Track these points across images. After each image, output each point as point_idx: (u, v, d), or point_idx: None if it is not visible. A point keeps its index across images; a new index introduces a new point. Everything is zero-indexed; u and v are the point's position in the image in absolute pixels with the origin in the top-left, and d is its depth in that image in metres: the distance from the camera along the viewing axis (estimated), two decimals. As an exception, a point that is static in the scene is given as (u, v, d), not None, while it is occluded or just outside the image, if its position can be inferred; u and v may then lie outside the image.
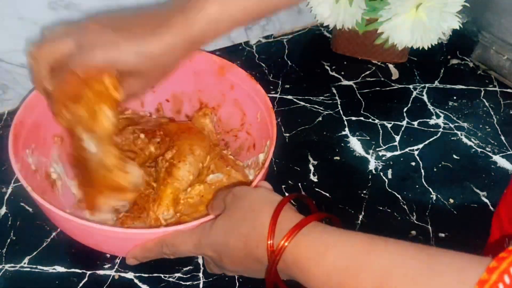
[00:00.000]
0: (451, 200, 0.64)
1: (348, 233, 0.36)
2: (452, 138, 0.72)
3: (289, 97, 0.77)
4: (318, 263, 0.35)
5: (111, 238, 0.47)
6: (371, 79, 0.82)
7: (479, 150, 0.71)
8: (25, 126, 0.53)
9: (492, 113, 0.77)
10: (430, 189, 0.65)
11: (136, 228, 0.53)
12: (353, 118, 0.75)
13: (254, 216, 0.39)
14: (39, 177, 0.55)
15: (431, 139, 0.72)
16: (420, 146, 0.71)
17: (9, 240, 0.56)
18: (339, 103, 0.77)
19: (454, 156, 0.70)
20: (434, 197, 0.64)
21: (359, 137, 0.72)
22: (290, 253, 0.36)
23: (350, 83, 0.81)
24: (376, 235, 0.35)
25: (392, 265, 0.32)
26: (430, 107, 0.77)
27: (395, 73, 0.83)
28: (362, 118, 0.75)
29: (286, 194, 0.63)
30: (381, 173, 0.67)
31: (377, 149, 0.70)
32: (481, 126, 0.74)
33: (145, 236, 0.46)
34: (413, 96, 0.79)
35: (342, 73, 0.82)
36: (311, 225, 0.37)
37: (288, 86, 0.79)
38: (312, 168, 0.67)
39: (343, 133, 0.72)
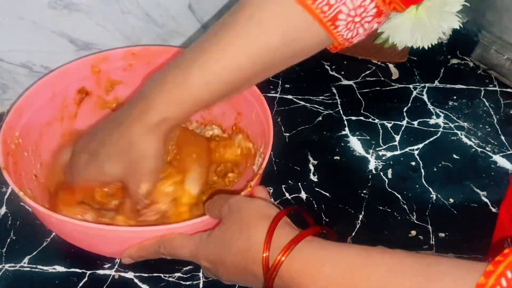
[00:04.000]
0: (451, 200, 0.64)
1: (344, 246, 0.36)
2: (452, 137, 0.72)
3: (289, 96, 0.77)
4: (314, 279, 0.35)
5: (104, 238, 0.47)
6: (371, 79, 0.82)
7: (479, 149, 0.71)
8: (15, 130, 0.53)
9: (492, 112, 0.77)
10: (430, 189, 0.65)
11: (129, 226, 0.53)
12: (353, 118, 0.74)
13: (250, 231, 0.39)
14: (36, 182, 0.55)
15: (431, 139, 0.72)
16: (420, 145, 0.71)
17: (9, 240, 0.56)
18: (339, 102, 0.77)
19: (454, 156, 0.70)
20: (434, 197, 0.64)
21: (359, 137, 0.72)
22: (286, 269, 0.36)
23: (350, 82, 0.81)
24: (372, 247, 0.35)
25: (389, 277, 0.32)
26: (430, 107, 0.77)
27: (395, 73, 0.83)
28: (362, 118, 0.75)
29: (287, 194, 0.63)
30: (381, 173, 0.67)
31: (377, 149, 0.70)
32: (481, 125, 0.74)
33: (139, 234, 0.46)
34: (413, 95, 0.79)
35: (342, 72, 0.82)
36: (306, 239, 0.37)
37: (288, 85, 0.79)
38: (312, 168, 0.67)
39: (343, 132, 0.72)
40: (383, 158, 0.69)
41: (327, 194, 0.64)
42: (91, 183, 0.50)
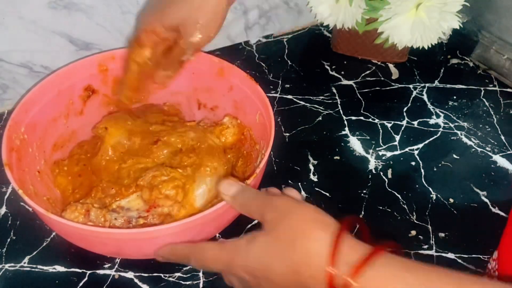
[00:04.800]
0: (451, 200, 0.64)
1: (431, 271, 0.31)
2: (452, 137, 0.72)
3: (289, 96, 0.77)
4: None
5: (101, 239, 0.47)
6: (371, 79, 0.82)
7: (479, 149, 0.71)
8: (21, 126, 0.53)
9: (492, 112, 0.77)
10: (430, 189, 0.65)
11: (127, 228, 0.53)
12: (353, 118, 0.75)
13: (306, 241, 0.34)
14: (39, 178, 0.55)
15: (431, 139, 0.72)
16: (420, 145, 0.71)
17: (9, 240, 0.57)
18: (339, 102, 0.77)
19: (454, 156, 0.70)
20: (434, 197, 0.64)
21: (359, 137, 0.72)
22: None
23: (350, 82, 0.81)
24: (449, 270, 0.31)
25: None
26: (430, 107, 0.77)
27: (395, 73, 0.83)
28: (362, 118, 0.75)
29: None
30: (381, 173, 0.67)
31: (377, 149, 0.70)
32: (481, 125, 0.74)
33: (135, 236, 0.45)
34: (413, 95, 0.79)
35: (342, 72, 0.82)
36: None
37: (288, 85, 0.79)
38: (312, 168, 0.67)
39: (343, 132, 0.72)
40: (383, 158, 0.69)
41: (327, 194, 0.64)
42: (152, 25, 0.52)
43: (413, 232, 0.60)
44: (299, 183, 0.65)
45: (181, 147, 0.59)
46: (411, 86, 0.81)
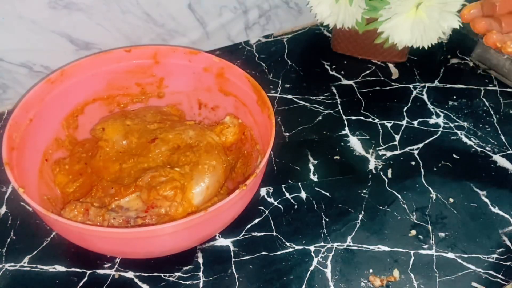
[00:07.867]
0: (451, 200, 0.64)
1: None
2: (452, 137, 0.72)
3: (289, 96, 0.77)
4: None
5: (104, 239, 0.47)
6: (371, 79, 0.82)
7: (479, 149, 0.71)
8: (21, 125, 0.54)
9: (492, 112, 0.77)
10: (430, 189, 0.65)
11: (125, 228, 0.53)
12: (353, 118, 0.75)
13: None
14: (41, 178, 0.56)
15: (431, 139, 0.72)
16: (420, 145, 0.71)
17: (9, 240, 0.57)
18: (339, 102, 0.77)
19: (454, 156, 0.70)
20: (434, 197, 0.64)
21: (359, 137, 0.72)
22: None
23: (350, 82, 0.81)
24: None
25: None
26: (430, 107, 0.77)
27: (395, 73, 0.83)
28: (362, 118, 0.75)
29: (287, 194, 0.63)
30: (381, 173, 0.67)
31: (377, 149, 0.70)
32: (481, 125, 0.74)
33: (136, 235, 0.46)
34: (413, 95, 0.79)
35: (342, 72, 0.82)
36: None
37: (288, 85, 0.79)
38: (312, 168, 0.67)
39: (343, 132, 0.72)
40: (383, 157, 0.69)
41: (327, 194, 0.64)
42: None
43: (413, 232, 0.60)
44: (299, 183, 0.65)
45: (179, 145, 0.59)
46: (411, 86, 0.81)
